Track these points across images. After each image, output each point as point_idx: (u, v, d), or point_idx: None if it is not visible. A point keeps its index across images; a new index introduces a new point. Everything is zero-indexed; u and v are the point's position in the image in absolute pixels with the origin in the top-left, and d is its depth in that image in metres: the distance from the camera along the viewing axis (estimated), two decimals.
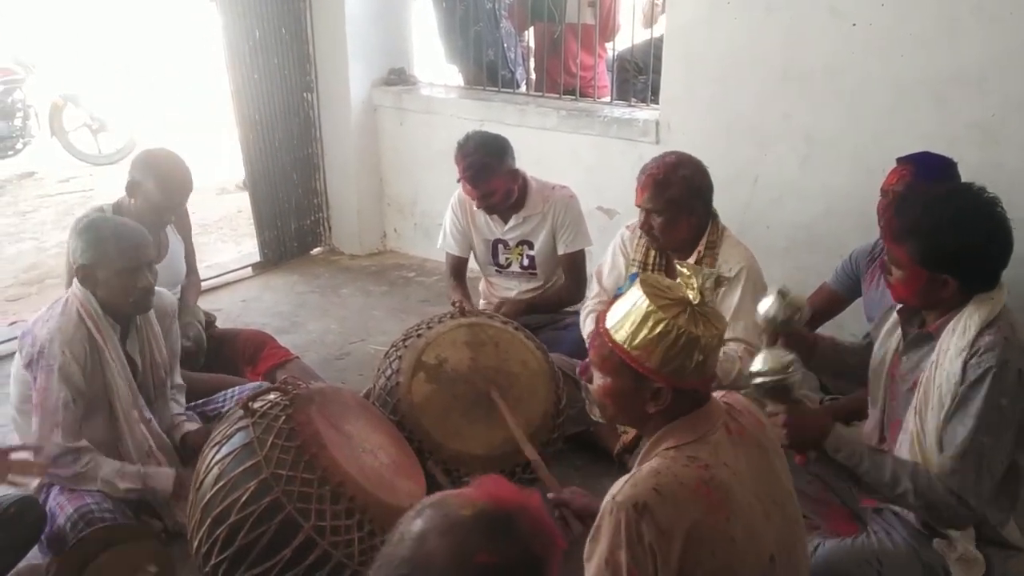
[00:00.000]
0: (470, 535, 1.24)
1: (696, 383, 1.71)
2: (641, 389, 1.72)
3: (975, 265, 2.11)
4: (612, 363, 1.74)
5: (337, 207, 5.62)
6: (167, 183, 3.30)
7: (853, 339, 3.63)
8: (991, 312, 2.11)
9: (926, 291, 2.15)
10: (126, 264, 2.71)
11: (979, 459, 2.06)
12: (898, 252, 2.16)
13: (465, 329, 2.93)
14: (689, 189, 2.99)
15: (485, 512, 1.26)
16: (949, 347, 2.12)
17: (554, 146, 4.69)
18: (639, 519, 1.58)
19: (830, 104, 3.84)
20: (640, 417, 1.76)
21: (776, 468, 1.82)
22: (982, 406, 2.04)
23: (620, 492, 1.63)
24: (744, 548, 1.65)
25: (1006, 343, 2.06)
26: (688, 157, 3.06)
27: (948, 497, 2.06)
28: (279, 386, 2.46)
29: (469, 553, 1.23)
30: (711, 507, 1.62)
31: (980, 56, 3.46)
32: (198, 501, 2.27)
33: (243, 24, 4.88)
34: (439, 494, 1.32)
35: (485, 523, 1.25)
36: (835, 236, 3.79)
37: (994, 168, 3.46)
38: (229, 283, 5.16)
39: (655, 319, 1.68)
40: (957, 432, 2.08)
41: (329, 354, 4.27)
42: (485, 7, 5.35)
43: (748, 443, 1.76)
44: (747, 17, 3.93)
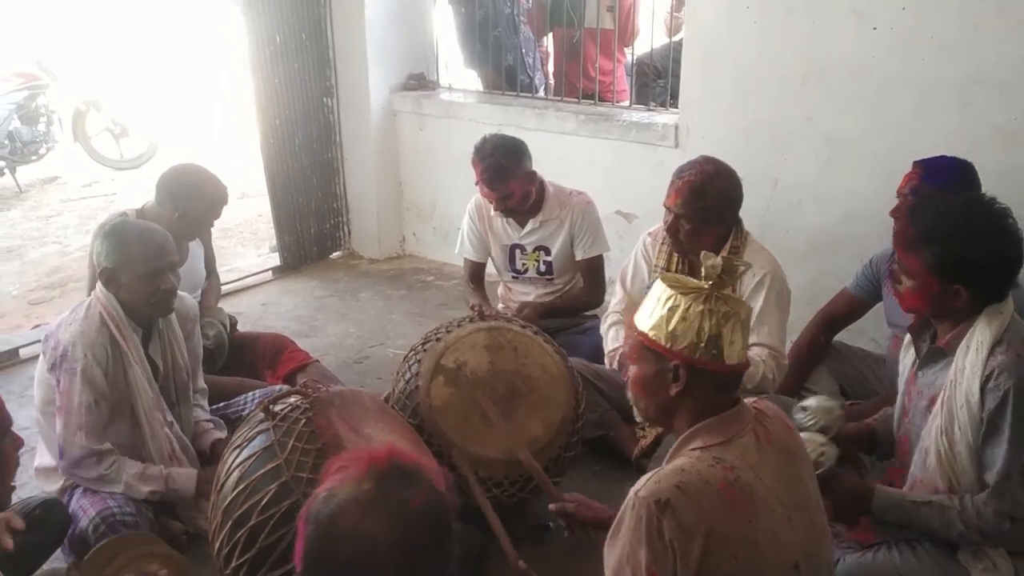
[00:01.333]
0: (391, 495, 1.32)
1: (713, 364, 1.71)
2: (662, 372, 1.74)
3: (987, 276, 2.11)
4: (636, 350, 1.80)
5: (356, 211, 5.64)
6: (212, 198, 3.39)
7: (874, 344, 3.63)
8: (1001, 327, 2.11)
9: (937, 301, 2.15)
10: (149, 267, 2.74)
11: (1022, 477, 2.07)
12: (910, 261, 2.15)
13: (484, 333, 2.93)
14: (724, 201, 2.99)
15: (382, 473, 1.34)
16: (965, 366, 2.12)
17: (573, 150, 4.69)
18: (661, 516, 1.59)
19: (851, 107, 3.82)
20: (666, 403, 1.77)
21: (804, 476, 1.81)
22: (1011, 427, 2.05)
23: (643, 488, 1.64)
24: (767, 552, 1.64)
25: (1019, 360, 2.06)
26: (725, 167, 3.04)
27: (1001, 522, 2.07)
28: (299, 389, 2.47)
29: (402, 510, 1.32)
30: (734, 508, 1.62)
31: (1002, 58, 3.43)
32: (219, 503, 2.28)
33: (264, 29, 4.92)
34: (323, 493, 1.36)
35: (390, 479, 1.34)
36: (856, 240, 3.77)
37: (1018, 171, 3.43)
38: (249, 287, 5.19)
39: (667, 296, 1.73)
40: (995, 456, 2.09)
41: (348, 358, 4.29)
42: (504, 12, 5.36)
43: (776, 449, 1.76)
44: (767, 20, 3.92)
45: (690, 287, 1.74)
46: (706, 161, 3.06)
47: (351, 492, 1.33)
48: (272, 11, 4.92)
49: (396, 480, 1.35)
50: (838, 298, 3.40)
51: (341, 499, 1.32)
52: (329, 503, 1.33)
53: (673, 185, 3.03)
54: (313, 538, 1.32)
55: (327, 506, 1.33)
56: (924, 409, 2.24)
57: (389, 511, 1.32)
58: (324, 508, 1.33)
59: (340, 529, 1.31)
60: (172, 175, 3.40)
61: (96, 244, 2.84)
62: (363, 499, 1.32)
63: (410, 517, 1.32)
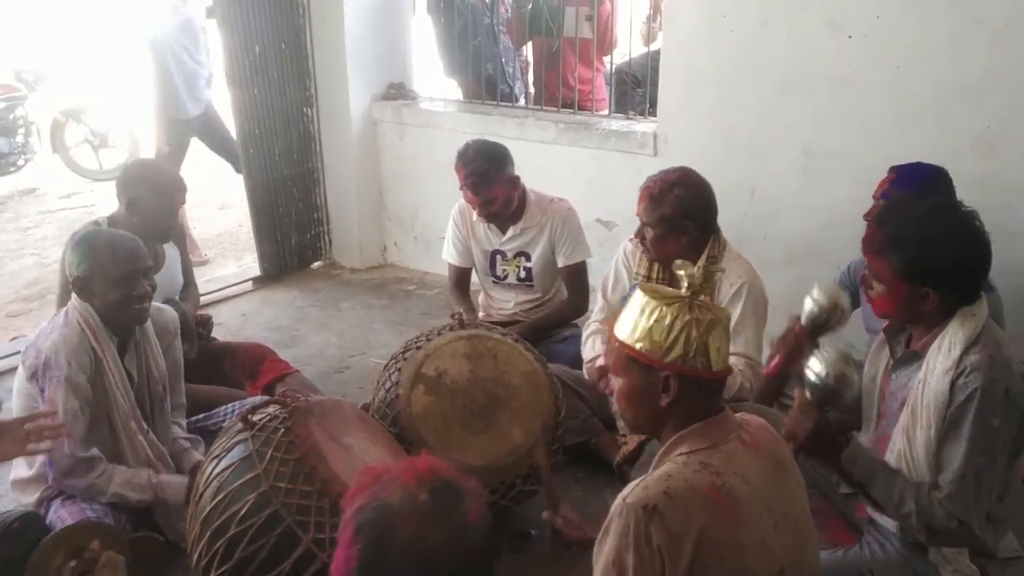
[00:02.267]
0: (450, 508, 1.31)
1: (702, 372, 1.72)
2: (651, 383, 1.74)
3: (955, 278, 2.13)
4: (621, 362, 1.79)
5: (337, 221, 5.64)
6: (162, 186, 3.33)
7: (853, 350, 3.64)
8: (975, 329, 2.12)
9: (908, 305, 2.17)
10: (122, 272, 2.73)
11: (976, 480, 2.08)
12: (879, 266, 2.18)
13: (464, 341, 2.93)
14: (680, 210, 2.98)
15: (435, 485, 1.33)
16: (936, 366, 2.14)
17: (553, 159, 4.71)
18: (648, 521, 1.59)
19: (828, 116, 3.85)
20: (656, 414, 1.77)
21: (790, 484, 1.81)
22: (973, 428, 2.06)
23: (631, 494, 1.64)
24: (753, 557, 1.65)
25: (991, 362, 2.07)
26: (690, 176, 3.05)
27: (948, 521, 2.08)
28: (278, 399, 2.46)
29: (462, 523, 1.30)
30: (721, 513, 1.63)
31: (977, 67, 3.47)
32: (198, 514, 2.27)
33: (243, 40, 4.92)
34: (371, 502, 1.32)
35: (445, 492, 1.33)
36: (834, 248, 3.79)
37: (994, 179, 3.47)
38: (229, 297, 5.17)
39: (650, 308, 1.73)
40: (952, 455, 2.09)
41: (329, 367, 4.28)
42: (483, 22, 5.38)
43: (763, 456, 1.77)
44: (744, 30, 3.95)
45: (670, 296, 1.75)
46: (674, 171, 3.07)
47: (407, 502, 1.30)
48: (251, 22, 4.92)
49: (449, 492, 1.34)
50: None
51: (397, 509, 1.30)
52: (383, 512, 1.30)
53: (639, 193, 3.07)
54: (369, 548, 1.29)
55: (381, 515, 1.30)
56: (897, 410, 2.26)
57: (450, 524, 1.30)
58: (377, 517, 1.30)
59: (401, 540, 1.28)
60: (121, 170, 3.44)
61: (67, 254, 2.82)
62: (422, 510, 1.30)
63: (469, 530, 1.31)
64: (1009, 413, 2.07)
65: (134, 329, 2.86)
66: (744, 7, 3.93)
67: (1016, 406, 2.08)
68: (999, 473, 2.10)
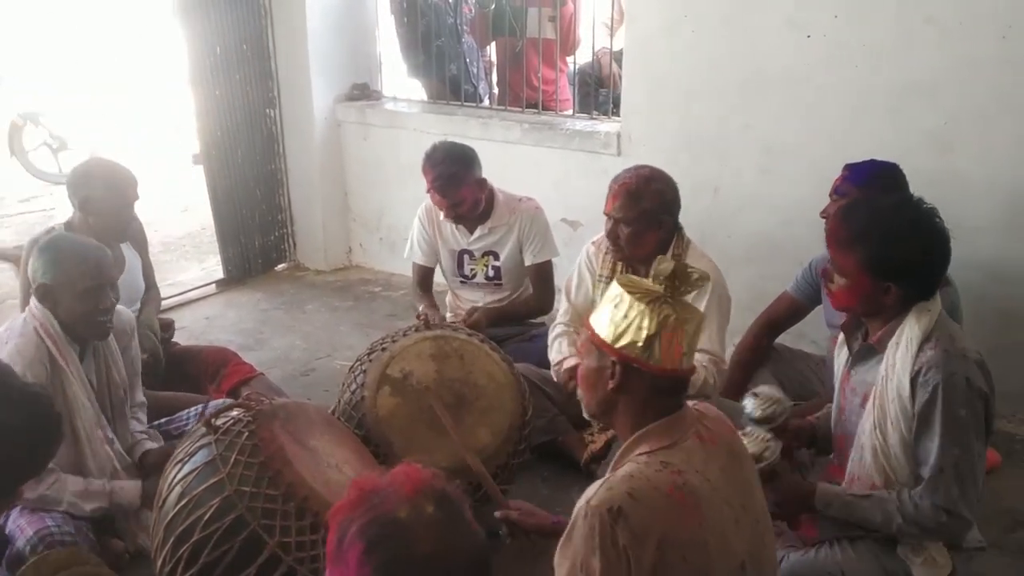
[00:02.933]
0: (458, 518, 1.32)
1: (647, 364, 1.71)
2: (602, 367, 1.76)
3: (917, 274, 2.17)
4: (585, 344, 1.83)
5: (302, 223, 5.60)
6: (114, 181, 3.30)
7: (815, 346, 3.70)
8: (930, 323, 2.16)
9: (869, 299, 2.20)
10: (89, 284, 2.69)
11: (956, 471, 2.12)
12: (843, 259, 2.21)
13: (430, 342, 2.93)
14: (661, 203, 3.03)
15: (437, 496, 1.32)
16: (895, 362, 2.18)
17: (518, 159, 4.71)
18: (613, 524, 1.59)
19: (788, 115, 3.90)
20: (606, 400, 1.79)
21: (748, 476, 1.84)
22: (942, 422, 2.10)
23: (595, 496, 1.64)
24: (715, 554, 1.66)
25: (947, 355, 2.12)
26: (660, 171, 3.10)
27: (939, 515, 2.12)
28: (242, 402, 2.44)
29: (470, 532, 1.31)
30: (684, 512, 1.64)
31: (931, 66, 3.53)
32: (161, 520, 2.24)
33: (204, 40, 4.87)
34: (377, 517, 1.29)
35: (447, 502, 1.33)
36: (796, 245, 3.84)
37: (948, 175, 3.53)
38: (192, 301, 5.12)
39: (617, 296, 1.75)
40: (928, 451, 2.14)
41: (294, 370, 4.25)
42: (447, 22, 5.37)
43: (720, 450, 1.78)
44: (704, 30, 3.99)
45: (643, 289, 1.75)
46: (642, 167, 3.12)
47: (416, 516, 1.28)
48: (212, 22, 4.87)
49: (451, 502, 1.33)
50: (778, 301, 3.47)
51: (407, 523, 1.27)
52: (395, 528, 1.27)
53: (611, 191, 3.08)
54: (386, 567, 1.25)
55: (393, 531, 1.27)
56: (858, 406, 2.30)
57: (460, 533, 1.30)
58: (391, 534, 1.27)
59: (417, 555, 1.26)
60: (70, 172, 3.39)
61: (31, 260, 2.77)
62: (433, 523, 1.28)
63: (476, 537, 1.32)
64: (973, 401, 2.11)
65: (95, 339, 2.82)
66: (704, 7, 3.96)
67: (979, 393, 2.12)
68: (978, 460, 2.15)
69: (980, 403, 2.13)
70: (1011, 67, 3.38)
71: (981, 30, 3.40)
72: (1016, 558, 2.87)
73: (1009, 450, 3.47)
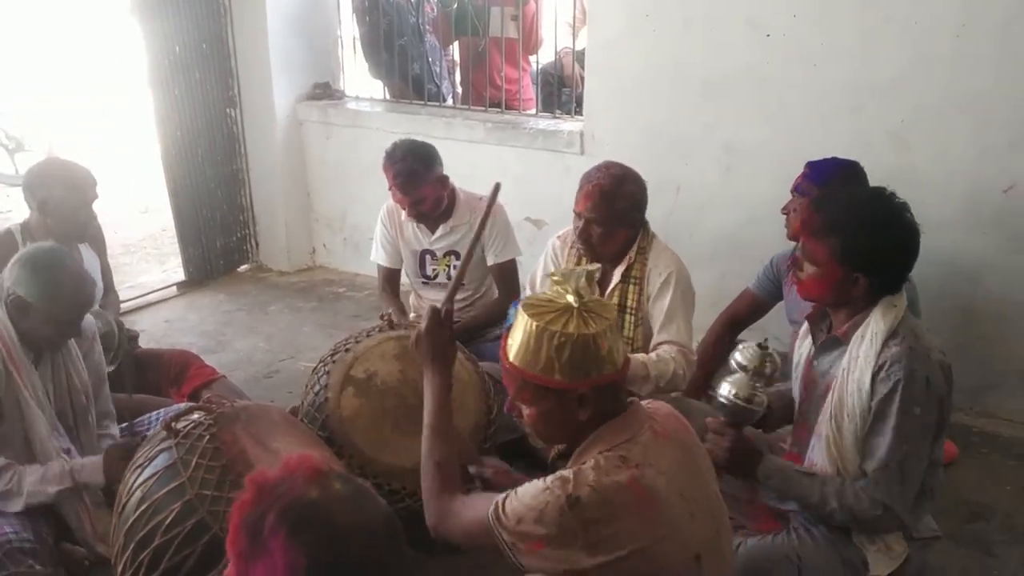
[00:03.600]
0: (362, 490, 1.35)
1: (612, 374, 1.75)
2: (566, 403, 1.76)
3: (888, 266, 2.20)
4: (529, 391, 1.79)
5: (264, 223, 5.55)
6: (73, 181, 3.25)
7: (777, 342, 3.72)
8: (895, 319, 2.19)
9: (838, 289, 2.22)
10: (71, 316, 2.66)
11: (901, 468, 2.14)
12: (816, 247, 2.22)
13: (394, 342, 2.91)
14: (633, 203, 3.03)
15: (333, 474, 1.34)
16: (859, 355, 2.20)
17: (481, 158, 4.71)
18: (570, 509, 1.64)
19: (749, 113, 3.93)
20: (574, 427, 1.80)
21: (701, 469, 1.86)
22: (897, 418, 2.12)
23: (559, 479, 1.69)
24: (669, 546, 1.69)
25: (911, 352, 2.14)
26: (631, 170, 3.09)
27: (874, 509, 2.15)
28: (203, 405, 2.41)
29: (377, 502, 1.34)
30: (641, 505, 1.67)
31: (890, 64, 3.58)
32: (121, 525, 2.21)
33: (163, 39, 4.83)
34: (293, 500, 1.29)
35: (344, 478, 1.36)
36: (757, 242, 3.88)
37: (907, 172, 3.59)
38: (153, 303, 5.06)
39: (547, 336, 1.72)
40: (878, 445, 2.16)
41: (257, 372, 4.21)
42: (409, 21, 5.35)
43: (673, 445, 1.80)
44: (666, 30, 4.01)
45: (555, 309, 1.75)
46: (612, 165, 3.10)
47: (327, 493, 1.29)
48: (170, 21, 4.82)
49: (352, 479, 1.37)
50: (741, 298, 3.50)
51: (323, 501, 1.28)
52: (311, 508, 1.27)
53: (582, 190, 3.06)
54: (314, 544, 1.24)
55: (312, 510, 1.27)
56: (819, 397, 2.32)
57: (372, 504, 1.33)
58: (309, 513, 1.26)
59: (343, 527, 1.27)
60: (27, 173, 3.33)
61: (16, 269, 2.63)
62: (346, 497, 1.30)
63: (383, 506, 1.35)
64: (930, 401, 2.14)
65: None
66: (666, 7, 3.99)
67: (936, 393, 2.15)
68: (923, 461, 2.18)
69: (935, 405, 2.16)
70: (965, 65, 3.44)
71: (936, 29, 3.46)
72: (972, 548, 2.92)
73: (966, 443, 3.53)
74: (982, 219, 3.54)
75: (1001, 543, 2.95)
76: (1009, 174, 3.47)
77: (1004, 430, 3.65)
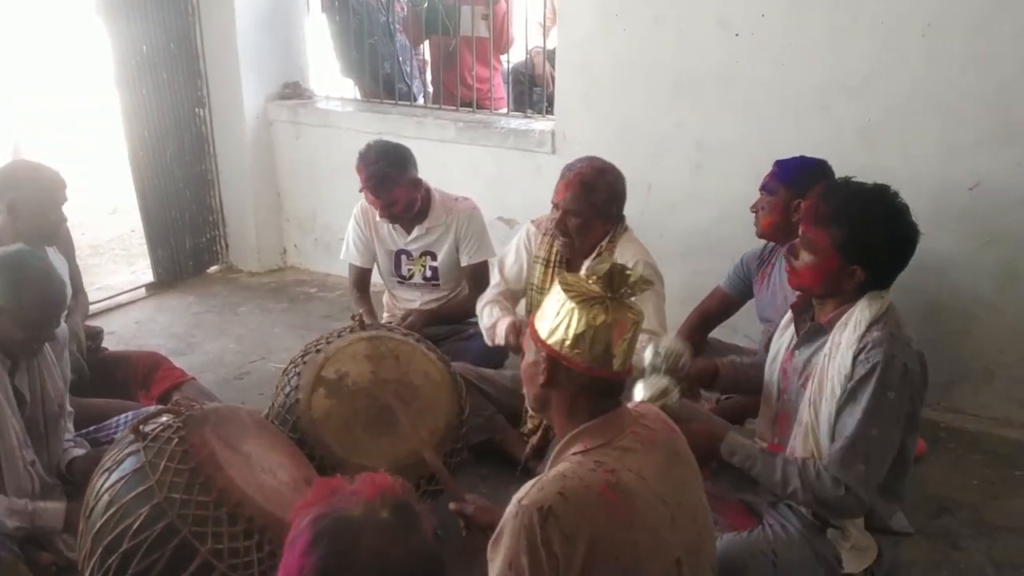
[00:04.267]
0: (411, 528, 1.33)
1: (576, 363, 1.72)
2: (536, 361, 1.78)
3: (886, 261, 2.22)
4: (526, 340, 1.84)
5: (234, 224, 5.51)
6: (42, 183, 3.20)
7: (747, 340, 3.76)
8: (880, 309, 2.21)
9: (833, 279, 2.23)
10: (40, 317, 2.61)
11: (867, 450, 2.14)
12: (818, 236, 2.23)
13: (365, 343, 2.89)
14: (611, 194, 3.08)
15: (396, 504, 1.34)
16: (841, 341, 2.21)
17: (453, 158, 4.70)
18: (544, 523, 1.59)
19: (720, 112, 3.95)
20: (540, 395, 1.81)
21: (686, 474, 1.84)
22: (870, 399, 2.13)
23: (526, 496, 1.64)
24: (647, 552, 1.67)
25: (892, 339, 2.16)
26: (610, 164, 3.13)
27: (836, 489, 2.14)
28: (171, 408, 2.38)
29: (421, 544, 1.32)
30: (615, 511, 1.64)
31: (858, 63, 3.61)
32: (88, 530, 2.18)
33: (130, 39, 4.78)
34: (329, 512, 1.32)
35: (405, 511, 1.34)
36: (729, 241, 3.89)
37: (874, 171, 3.56)
38: (121, 305, 5.00)
39: (557, 294, 1.76)
40: (847, 424, 2.17)
41: (228, 374, 4.17)
42: (379, 21, 5.33)
43: (658, 450, 1.78)
44: (636, 29, 4.02)
45: (581, 290, 1.74)
46: (593, 159, 3.15)
47: (368, 517, 1.31)
48: (137, 20, 4.77)
49: (409, 511, 1.35)
50: (712, 296, 3.52)
51: (359, 522, 1.30)
52: (344, 524, 1.30)
53: (563, 179, 3.08)
54: (329, 557, 1.27)
55: (343, 526, 1.29)
56: (799, 386, 2.33)
57: (410, 542, 1.31)
58: (339, 528, 1.29)
59: (363, 552, 1.27)
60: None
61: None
62: (385, 526, 1.30)
63: (427, 551, 1.33)
64: (904, 388, 2.16)
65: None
66: (636, 6, 4.00)
67: (911, 383, 2.17)
68: (891, 447, 2.19)
69: (909, 392, 2.18)
70: (932, 64, 3.48)
71: (903, 28, 3.49)
72: (940, 543, 2.95)
73: (934, 438, 3.57)
74: (949, 217, 3.58)
75: (968, 537, 2.99)
76: (975, 172, 3.51)
77: (971, 425, 3.69)
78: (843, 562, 2.29)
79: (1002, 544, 2.95)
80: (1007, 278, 3.57)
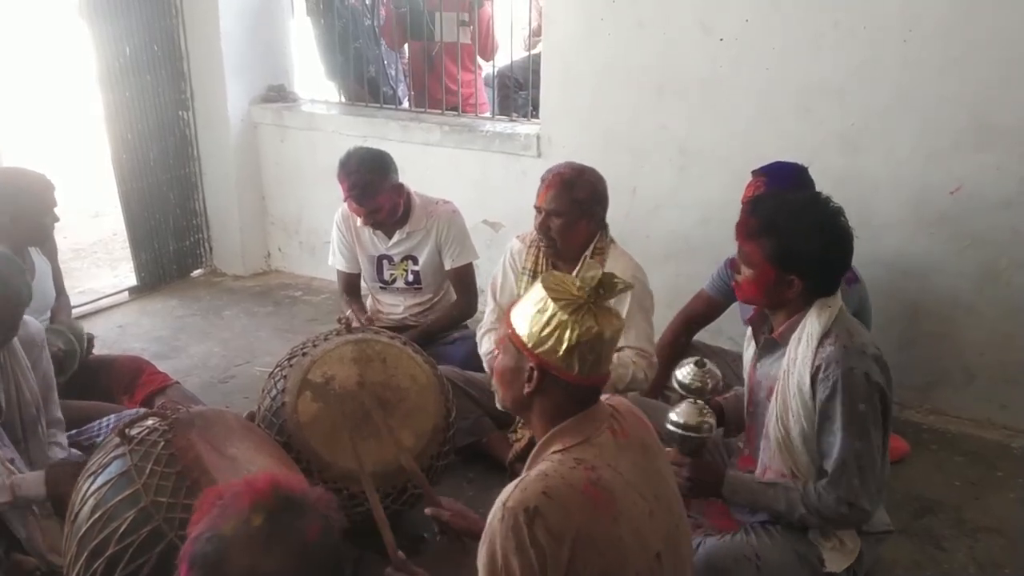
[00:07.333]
0: (285, 530, 1.26)
1: (568, 375, 1.73)
2: (520, 368, 1.77)
3: (820, 268, 2.24)
4: (503, 340, 1.84)
5: (218, 227, 5.49)
6: (35, 187, 3.20)
7: (732, 343, 3.78)
8: (829, 319, 2.24)
9: (773, 290, 2.27)
10: (8, 314, 2.59)
11: (858, 464, 2.18)
12: (751, 249, 2.27)
13: (352, 346, 2.89)
14: (593, 194, 3.09)
15: (270, 507, 1.28)
16: (796, 356, 2.25)
17: (437, 161, 4.71)
18: (531, 523, 1.60)
19: (703, 116, 3.98)
20: (521, 399, 1.80)
21: (660, 468, 1.87)
22: (843, 417, 2.17)
23: (510, 497, 1.64)
24: (630, 547, 1.68)
25: (845, 352, 2.19)
26: (590, 167, 3.16)
27: (840, 507, 2.19)
28: (157, 411, 2.37)
29: (299, 544, 1.26)
30: (598, 508, 1.65)
31: (839, 68, 3.64)
32: (73, 534, 2.16)
33: (113, 41, 4.75)
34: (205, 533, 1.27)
35: (281, 512, 1.28)
36: (712, 243, 3.92)
37: (855, 175, 3.65)
38: (104, 309, 4.97)
39: (540, 299, 1.75)
40: (831, 444, 2.20)
41: (213, 378, 4.16)
42: (364, 24, 5.34)
43: (633, 445, 1.80)
44: (620, 33, 4.04)
45: (566, 294, 1.75)
46: (573, 163, 3.19)
47: (239, 530, 1.25)
48: (120, 22, 4.75)
49: (287, 512, 1.28)
50: (696, 299, 3.54)
51: (229, 538, 1.24)
52: (215, 544, 1.24)
53: (544, 182, 3.11)
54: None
55: (213, 547, 1.24)
56: (764, 399, 2.37)
57: (286, 548, 1.25)
58: (210, 550, 1.24)
59: (233, 571, 1.22)
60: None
61: None
62: (256, 536, 1.24)
63: (308, 550, 1.26)
64: (872, 395, 2.19)
65: None
66: (620, 10, 4.01)
67: (877, 387, 2.20)
68: (877, 453, 2.22)
69: (878, 396, 2.21)
70: (913, 69, 3.51)
71: (884, 33, 3.52)
72: (923, 543, 2.98)
73: (917, 439, 3.60)
74: (929, 220, 3.62)
75: (950, 537, 3.02)
76: (955, 176, 3.54)
77: (952, 426, 3.73)
78: (825, 562, 2.31)
79: (984, 544, 2.99)
80: (987, 281, 3.60)
